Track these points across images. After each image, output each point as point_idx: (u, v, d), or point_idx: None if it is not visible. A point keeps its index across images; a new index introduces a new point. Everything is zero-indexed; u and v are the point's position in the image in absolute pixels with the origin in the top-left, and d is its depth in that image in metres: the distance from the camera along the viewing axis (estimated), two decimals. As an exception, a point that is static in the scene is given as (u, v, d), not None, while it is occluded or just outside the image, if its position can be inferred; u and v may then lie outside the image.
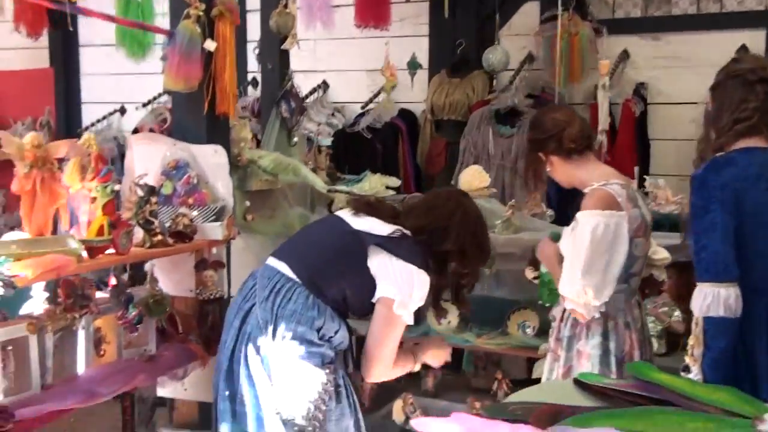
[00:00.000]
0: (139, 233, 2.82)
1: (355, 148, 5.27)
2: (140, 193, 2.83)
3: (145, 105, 5.80)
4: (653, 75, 5.01)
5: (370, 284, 2.48)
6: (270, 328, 2.43)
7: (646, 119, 4.99)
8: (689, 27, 4.93)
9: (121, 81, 6.05)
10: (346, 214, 2.61)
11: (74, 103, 6.19)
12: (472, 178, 3.46)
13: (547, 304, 2.75)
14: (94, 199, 2.64)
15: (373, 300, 2.49)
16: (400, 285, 2.44)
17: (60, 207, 2.56)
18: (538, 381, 3.22)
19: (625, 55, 5.05)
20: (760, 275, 2.20)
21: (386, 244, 2.48)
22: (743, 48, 4.74)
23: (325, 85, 5.73)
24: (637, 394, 1.72)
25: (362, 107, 5.53)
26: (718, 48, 4.73)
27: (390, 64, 4.46)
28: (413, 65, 5.00)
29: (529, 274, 3.24)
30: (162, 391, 3.09)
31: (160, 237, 2.83)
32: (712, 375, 2.17)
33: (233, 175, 3.17)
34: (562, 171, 2.60)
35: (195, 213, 3.03)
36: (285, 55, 3.99)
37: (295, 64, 4.38)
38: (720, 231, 2.18)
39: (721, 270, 2.18)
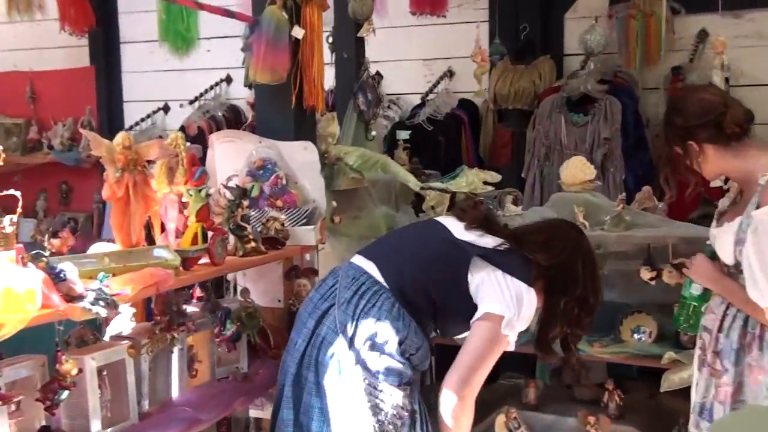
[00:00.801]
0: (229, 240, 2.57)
1: (416, 142, 4.98)
2: (230, 196, 2.57)
3: (191, 102, 5.54)
4: (735, 55, 4.65)
5: (466, 301, 2.23)
6: (348, 334, 2.19)
7: (728, 103, 4.69)
8: (771, 3, 4.62)
9: (164, 78, 5.81)
10: (449, 221, 2.36)
11: (116, 102, 5.93)
12: (577, 171, 3.18)
13: (689, 333, 2.45)
14: (184, 205, 2.38)
15: (474, 319, 2.22)
16: (508, 302, 2.18)
17: (152, 214, 2.31)
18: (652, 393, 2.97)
19: (703, 35, 4.74)
20: None
21: (492, 256, 2.23)
22: (834, 24, 4.47)
23: (378, 77, 5.44)
24: None
25: (422, 98, 5.25)
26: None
27: (481, 49, 4.17)
28: (496, 50, 4.69)
29: (646, 274, 2.96)
30: (255, 412, 2.83)
31: (253, 244, 2.57)
32: None
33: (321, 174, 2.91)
34: (718, 162, 2.29)
35: (284, 216, 2.77)
36: (361, 44, 3.72)
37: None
38: None
39: None
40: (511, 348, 2.24)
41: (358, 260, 2.32)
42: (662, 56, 4.69)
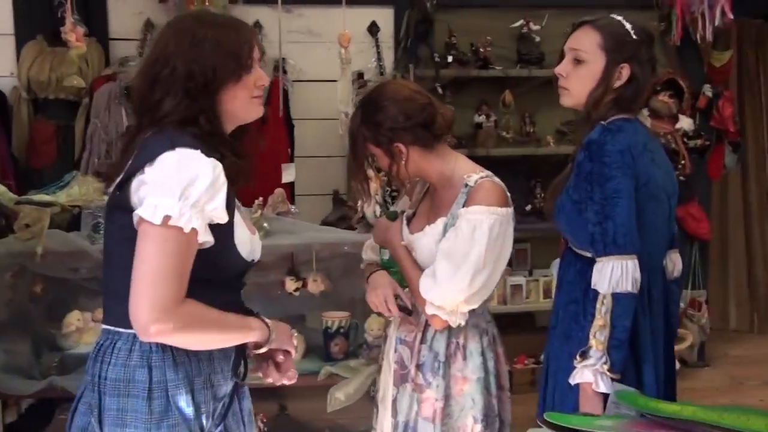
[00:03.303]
0: None
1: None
2: None
3: None
4: (289, 50, 4.68)
5: None
6: None
7: (288, 98, 4.67)
8: (317, 0, 4.71)
9: None
10: None
11: None
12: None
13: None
14: None
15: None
16: (155, 190, 1.56)
17: None
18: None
19: (258, 27, 4.64)
20: (645, 249, 2.07)
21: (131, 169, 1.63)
22: (374, 25, 4.74)
23: None
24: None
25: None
26: (349, 24, 4.65)
27: (76, 27, 3.34)
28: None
29: (291, 285, 2.74)
30: None
31: None
32: (617, 357, 1.99)
33: None
34: (421, 163, 2.14)
35: None
36: None
37: None
38: (626, 199, 2.01)
39: (628, 241, 2.00)
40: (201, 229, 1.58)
41: None
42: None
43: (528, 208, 4.74)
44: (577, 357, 2.00)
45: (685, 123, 4.73)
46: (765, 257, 5.86)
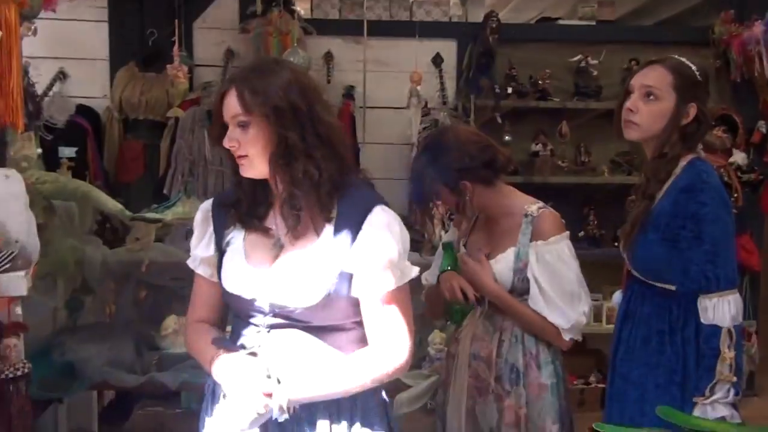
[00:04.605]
0: None
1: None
2: None
3: None
4: (358, 78, 4.98)
5: None
6: None
7: (355, 123, 4.96)
8: (385, 33, 5.00)
9: None
10: None
11: None
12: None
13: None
14: None
15: None
16: None
17: None
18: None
19: (329, 57, 4.96)
20: None
21: None
22: (438, 56, 5.01)
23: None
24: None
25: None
26: (415, 55, 4.92)
27: (182, 66, 3.67)
28: (184, 62, 4.25)
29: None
30: None
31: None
32: (741, 385, 2.15)
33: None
34: (484, 199, 2.38)
35: (-22, 261, 2.17)
36: (19, 41, 3.06)
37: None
38: (732, 237, 2.17)
39: (736, 277, 2.17)
40: None
41: None
42: (298, 75, 4.77)
43: (581, 234, 4.94)
44: (706, 392, 2.14)
45: (739, 157, 4.87)
46: (815, 290, 5.94)
